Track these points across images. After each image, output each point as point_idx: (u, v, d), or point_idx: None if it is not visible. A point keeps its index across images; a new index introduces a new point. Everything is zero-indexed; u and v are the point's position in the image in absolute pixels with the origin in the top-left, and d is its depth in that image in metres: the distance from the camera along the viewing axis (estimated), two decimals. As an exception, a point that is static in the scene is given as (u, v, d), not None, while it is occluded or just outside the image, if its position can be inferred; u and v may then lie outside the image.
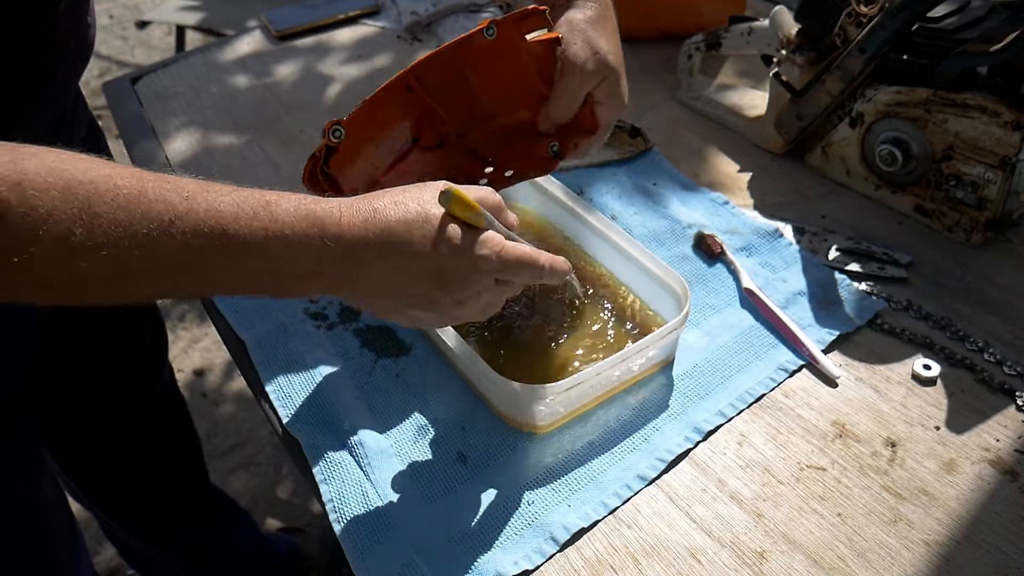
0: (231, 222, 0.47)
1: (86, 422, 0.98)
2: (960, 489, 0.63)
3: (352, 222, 0.50)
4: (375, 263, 0.51)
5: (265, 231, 0.48)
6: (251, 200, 0.49)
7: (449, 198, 0.51)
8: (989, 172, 0.79)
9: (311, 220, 0.50)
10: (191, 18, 2.03)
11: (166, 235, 0.45)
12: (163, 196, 0.46)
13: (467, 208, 0.52)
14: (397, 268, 0.52)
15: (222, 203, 0.48)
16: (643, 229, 0.87)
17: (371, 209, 0.51)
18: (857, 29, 0.84)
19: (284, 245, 0.49)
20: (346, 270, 0.51)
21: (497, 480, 0.64)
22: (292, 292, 0.52)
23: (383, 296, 0.54)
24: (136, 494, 1.08)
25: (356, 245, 0.50)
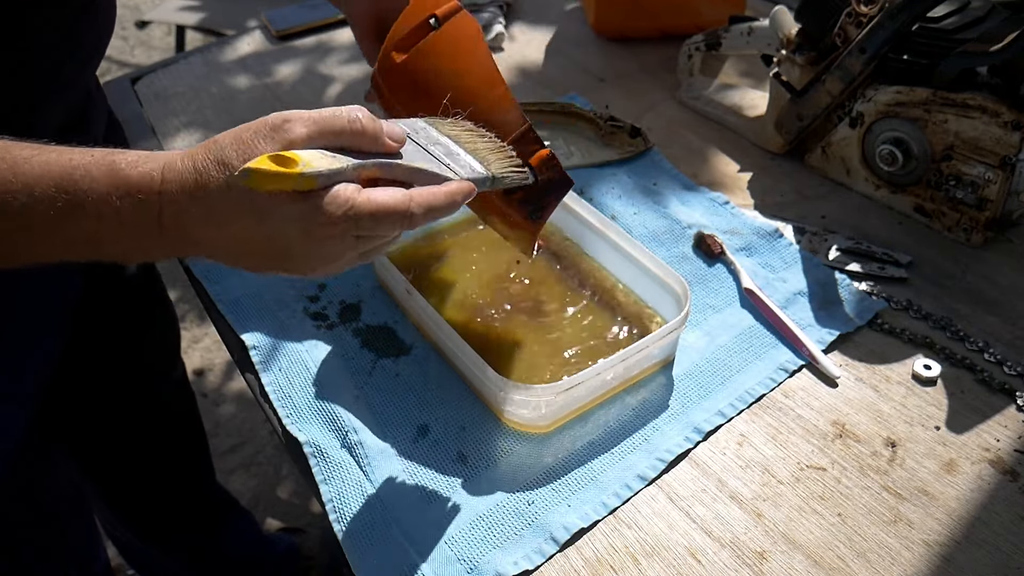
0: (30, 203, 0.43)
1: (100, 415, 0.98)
2: (960, 489, 0.63)
3: (171, 188, 0.45)
4: (201, 232, 0.46)
5: (71, 207, 0.44)
6: (54, 172, 0.44)
7: (249, 178, 0.43)
8: (989, 172, 0.79)
9: (126, 188, 0.45)
10: (191, 18, 2.03)
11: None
12: None
13: (280, 179, 0.43)
14: (228, 238, 0.47)
15: (19, 183, 0.43)
16: (643, 229, 0.87)
17: (193, 172, 0.45)
18: (857, 29, 0.84)
19: (96, 222, 0.44)
20: (172, 238, 0.46)
21: (497, 480, 0.64)
22: (122, 259, 0.48)
23: (226, 260, 0.49)
24: (145, 487, 1.08)
25: (178, 214, 0.45)
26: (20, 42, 0.59)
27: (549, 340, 0.74)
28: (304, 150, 0.45)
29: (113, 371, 0.96)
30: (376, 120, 0.49)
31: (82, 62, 0.69)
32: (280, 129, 0.46)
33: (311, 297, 0.79)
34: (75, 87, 0.70)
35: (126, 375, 0.98)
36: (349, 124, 0.47)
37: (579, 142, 0.99)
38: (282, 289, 0.80)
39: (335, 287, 0.80)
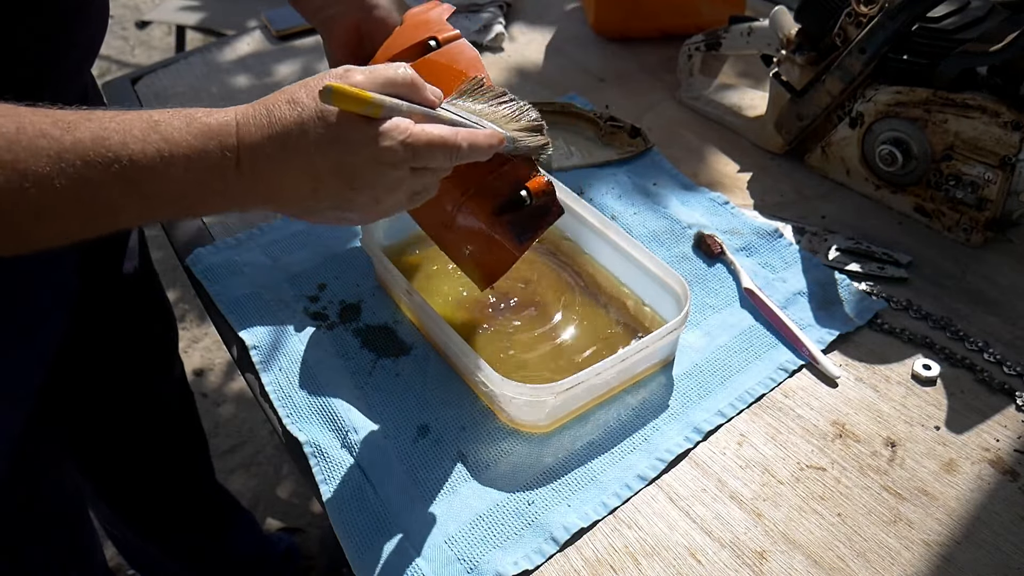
0: (120, 148, 0.45)
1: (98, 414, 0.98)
2: (960, 489, 0.63)
3: (248, 131, 0.49)
4: (276, 171, 0.50)
5: (159, 152, 0.46)
6: (138, 123, 0.47)
7: (330, 95, 0.48)
8: (989, 172, 0.79)
9: (206, 134, 0.48)
10: (191, 18, 2.03)
11: (57, 170, 0.44)
12: (42, 131, 0.44)
13: (355, 101, 0.49)
14: (299, 172, 0.50)
15: (108, 129, 0.45)
16: (643, 229, 0.87)
17: (266, 114, 0.50)
18: (857, 29, 0.84)
19: (182, 165, 0.47)
20: (249, 182, 0.49)
21: (497, 480, 0.64)
22: (200, 211, 0.50)
23: (295, 202, 0.52)
24: (145, 488, 1.08)
25: (255, 155, 0.49)
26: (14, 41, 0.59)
27: (549, 340, 0.74)
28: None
29: (111, 370, 0.96)
30: (419, 77, 0.54)
31: (77, 61, 0.69)
32: (342, 77, 0.51)
33: (311, 297, 0.79)
34: (70, 86, 0.70)
35: (124, 374, 0.98)
36: (400, 75, 0.53)
37: (579, 142, 0.99)
38: (282, 289, 0.80)
39: (335, 287, 0.80)
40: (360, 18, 0.70)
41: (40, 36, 0.61)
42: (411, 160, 0.51)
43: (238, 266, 0.83)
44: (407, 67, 0.53)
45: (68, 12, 0.63)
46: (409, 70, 0.53)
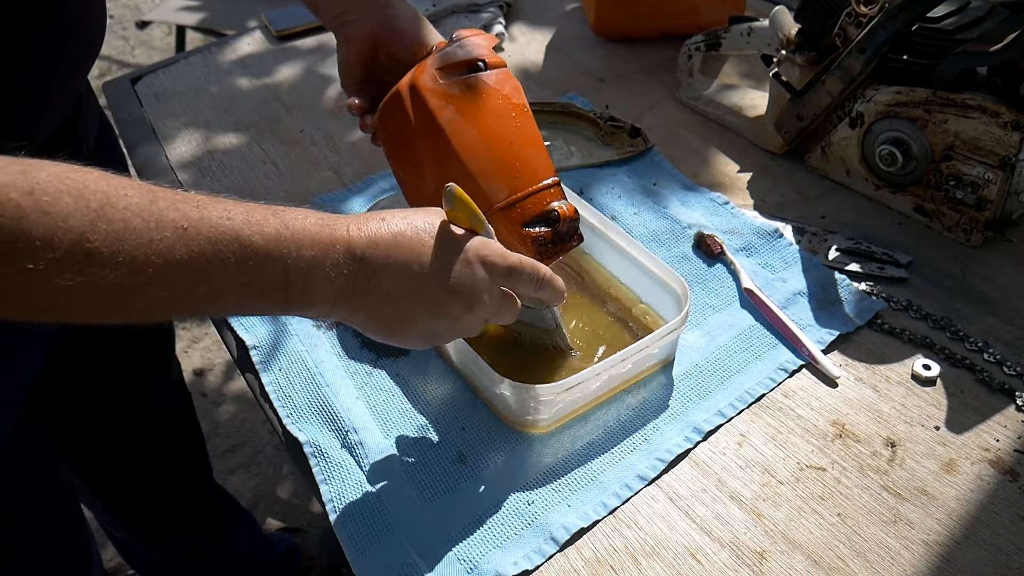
0: (243, 227, 0.47)
1: (95, 416, 0.98)
2: (960, 489, 0.63)
3: (360, 229, 0.52)
4: (384, 267, 0.52)
5: (277, 235, 0.48)
6: (261, 209, 0.49)
7: (452, 193, 0.54)
8: (989, 172, 0.79)
9: (320, 226, 0.50)
10: (191, 18, 2.03)
11: (180, 242, 0.45)
12: (174, 205, 0.46)
13: (469, 209, 0.55)
14: (407, 270, 0.53)
15: (233, 211, 0.48)
16: (643, 229, 0.87)
17: (379, 219, 0.53)
18: (857, 29, 0.84)
19: (295, 248, 0.49)
20: (355, 275, 0.51)
21: (497, 480, 0.64)
22: (299, 301, 0.51)
23: (392, 306, 0.54)
24: (142, 489, 1.08)
25: (366, 249, 0.51)
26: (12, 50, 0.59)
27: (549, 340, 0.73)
28: None
29: (108, 372, 0.95)
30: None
31: (74, 69, 0.69)
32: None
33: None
34: (67, 94, 0.70)
35: (121, 376, 0.98)
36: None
37: (579, 142, 0.99)
38: (282, 289, 0.80)
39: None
40: (378, 28, 0.70)
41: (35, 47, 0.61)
42: (504, 276, 0.57)
43: (238, 266, 0.82)
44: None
45: (65, 27, 0.63)
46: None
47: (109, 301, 0.44)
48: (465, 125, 0.65)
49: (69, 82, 0.70)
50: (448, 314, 0.55)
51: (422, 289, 0.54)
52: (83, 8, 0.65)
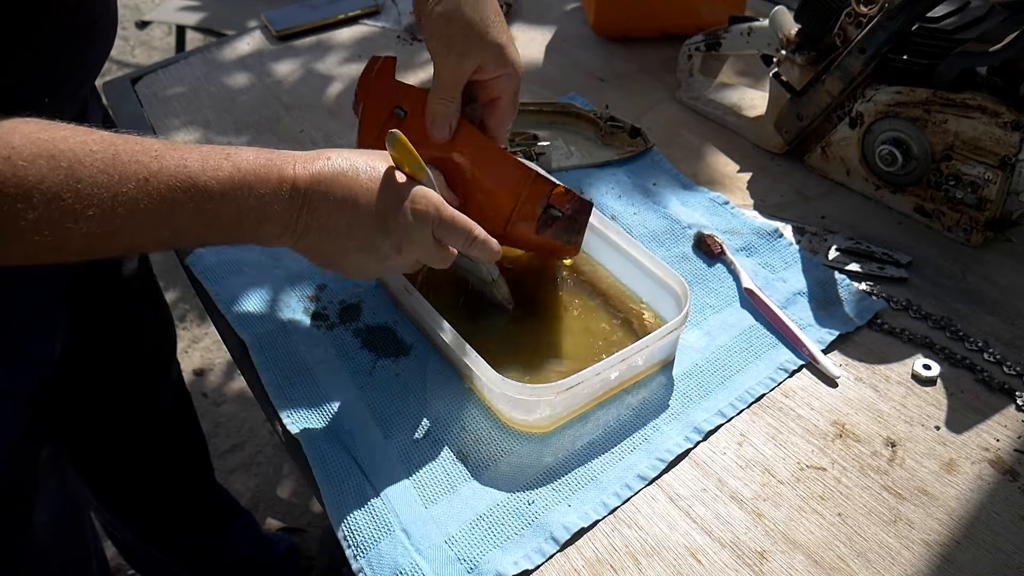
0: (199, 173, 0.52)
1: (95, 417, 0.98)
2: (960, 489, 0.63)
3: (305, 167, 0.56)
4: (324, 203, 0.57)
5: (231, 179, 0.53)
6: (214, 153, 0.54)
7: (395, 138, 0.57)
8: (989, 172, 0.79)
9: (269, 166, 0.55)
10: (191, 18, 2.03)
11: (143, 192, 0.50)
12: (135, 156, 0.50)
13: (411, 155, 0.58)
14: (343, 206, 0.57)
15: (189, 158, 0.52)
16: (643, 229, 0.87)
17: (324, 157, 0.58)
18: (857, 29, 0.84)
19: (247, 189, 0.54)
20: (299, 210, 0.56)
21: (497, 480, 0.64)
22: (251, 237, 0.56)
23: (329, 239, 0.58)
24: (143, 489, 1.08)
25: (308, 186, 0.56)
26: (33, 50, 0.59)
27: (549, 340, 0.74)
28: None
29: (108, 372, 0.95)
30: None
31: (84, 76, 0.69)
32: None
33: (311, 297, 0.79)
34: (71, 101, 0.70)
35: (121, 377, 0.98)
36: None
37: (579, 142, 0.99)
38: (282, 289, 0.80)
39: (335, 287, 0.80)
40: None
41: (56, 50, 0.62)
42: (437, 225, 0.60)
43: (238, 266, 0.83)
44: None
45: (84, 27, 0.64)
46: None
47: (84, 247, 0.50)
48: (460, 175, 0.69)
49: (84, 82, 0.70)
50: (378, 251, 0.60)
51: (355, 226, 0.58)
52: (102, 9, 0.65)
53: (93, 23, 0.65)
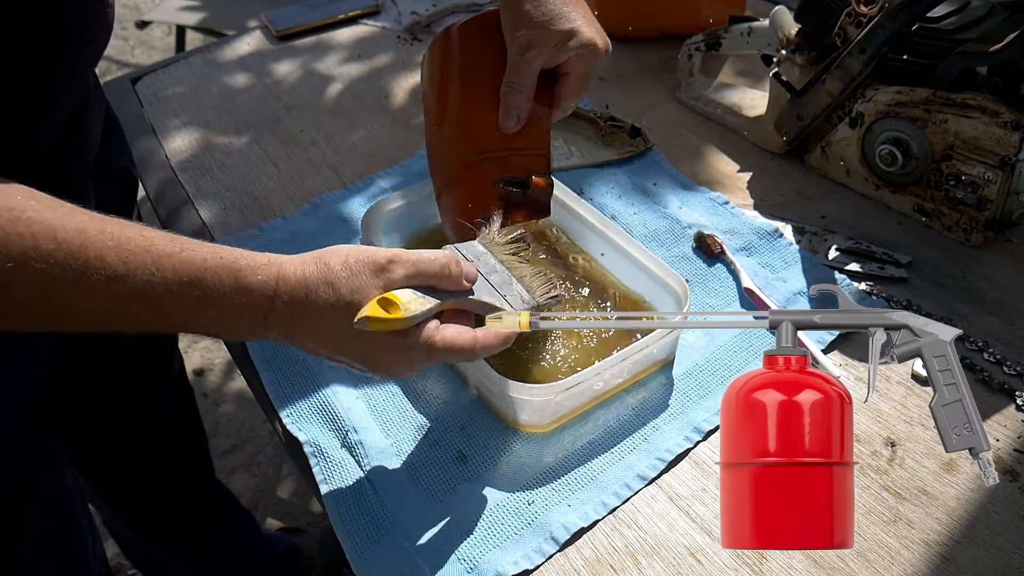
0: (165, 297, 0.50)
1: (96, 417, 0.98)
2: (960, 489, 0.63)
3: (283, 299, 0.53)
4: (302, 336, 0.55)
5: (199, 302, 0.51)
6: (188, 271, 0.51)
7: (366, 324, 0.52)
8: (989, 172, 0.79)
9: (247, 297, 0.52)
10: (191, 18, 2.03)
11: (103, 291, 0.49)
12: (101, 255, 0.48)
13: (387, 324, 0.53)
14: (324, 344, 0.55)
15: (159, 277, 0.50)
16: (643, 229, 0.87)
17: (304, 288, 0.53)
18: (857, 29, 0.84)
19: (216, 315, 0.52)
20: (275, 334, 0.55)
21: (497, 480, 0.64)
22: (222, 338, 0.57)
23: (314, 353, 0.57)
24: (144, 488, 1.08)
25: (286, 320, 0.54)
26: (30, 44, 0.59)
27: (549, 340, 0.73)
28: (401, 291, 0.55)
29: (110, 372, 0.95)
30: (459, 264, 0.58)
31: (88, 62, 0.69)
32: (384, 269, 0.54)
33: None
34: (78, 87, 0.70)
35: (122, 371, 0.97)
36: (440, 270, 0.56)
37: (579, 142, 0.99)
38: (282, 289, 0.80)
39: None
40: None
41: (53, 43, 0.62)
42: (427, 359, 0.57)
43: (238, 266, 0.82)
44: (450, 258, 0.57)
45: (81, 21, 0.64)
46: (451, 263, 0.57)
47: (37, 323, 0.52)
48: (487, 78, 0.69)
49: (81, 76, 0.70)
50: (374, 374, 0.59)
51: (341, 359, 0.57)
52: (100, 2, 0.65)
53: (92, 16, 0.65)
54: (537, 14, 0.66)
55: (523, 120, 0.69)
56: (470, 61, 0.71)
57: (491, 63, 0.69)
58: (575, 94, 0.72)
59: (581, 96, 0.73)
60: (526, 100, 0.68)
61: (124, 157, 0.92)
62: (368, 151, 1.00)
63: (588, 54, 0.68)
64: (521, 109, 0.68)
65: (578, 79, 0.70)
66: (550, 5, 0.67)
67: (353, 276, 0.54)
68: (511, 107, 0.68)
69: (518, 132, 0.69)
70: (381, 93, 1.11)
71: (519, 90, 0.68)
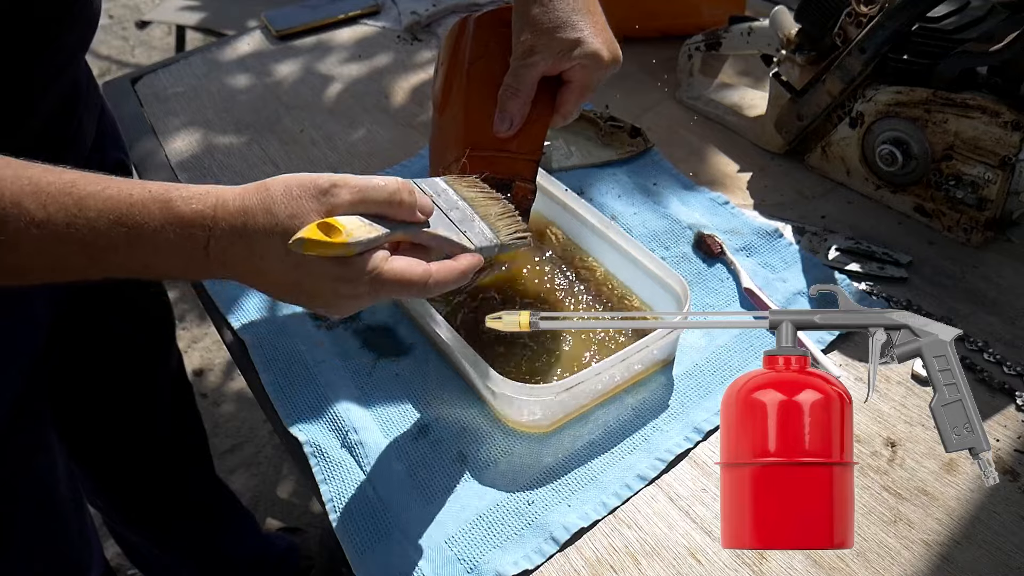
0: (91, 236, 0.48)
1: (95, 407, 0.98)
2: (960, 489, 0.63)
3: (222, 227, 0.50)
4: (240, 266, 0.51)
5: (129, 239, 0.49)
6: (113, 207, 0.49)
7: (301, 245, 0.48)
8: (989, 172, 0.79)
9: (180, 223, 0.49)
10: (191, 18, 2.03)
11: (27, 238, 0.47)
12: (18, 201, 0.47)
13: (326, 247, 0.49)
14: (261, 275, 0.52)
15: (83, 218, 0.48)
16: (643, 229, 0.87)
17: (242, 215, 0.50)
18: (857, 29, 0.84)
19: (151, 252, 0.50)
20: (215, 266, 0.51)
21: (497, 480, 0.64)
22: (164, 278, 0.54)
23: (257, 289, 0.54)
24: (143, 484, 1.08)
25: (224, 249, 0.50)
26: None
27: (548, 339, 0.73)
28: (346, 216, 0.50)
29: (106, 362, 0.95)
30: (413, 193, 0.54)
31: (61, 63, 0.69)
32: (327, 193, 0.50)
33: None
34: (56, 84, 0.70)
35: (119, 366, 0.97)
36: (390, 196, 0.52)
37: (579, 142, 0.99)
38: (282, 289, 0.80)
39: (335, 287, 0.80)
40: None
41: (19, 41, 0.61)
42: (374, 293, 0.52)
43: (238, 266, 0.82)
44: (400, 185, 0.53)
45: (49, 19, 0.63)
46: (401, 188, 0.53)
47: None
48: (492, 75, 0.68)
49: (66, 62, 0.70)
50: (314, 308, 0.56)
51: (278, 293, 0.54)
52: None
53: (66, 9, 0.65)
54: (544, 20, 0.66)
55: (517, 125, 0.68)
56: (479, 54, 0.71)
57: (498, 60, 0.69)
58: (576, 103, 0.71)
59: (581, 105, 0.72)
60: (522, 105, 0.67)
61: (119, 151, 0.92)
62: (368, 151, 1.00)
63: (591, 64, 0.68)
64: (515, 113, 0.67)
65: (580, 88, 0.69)
66: (558, 12, 0.66)
67: (292, 200, 0.50)
68: (506, 110, 0.67)
69: (512, 135, 0.68)
70: (381, 93, 1.11)
71: (516, 94, 0.67)
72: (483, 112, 0.68)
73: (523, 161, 0.69)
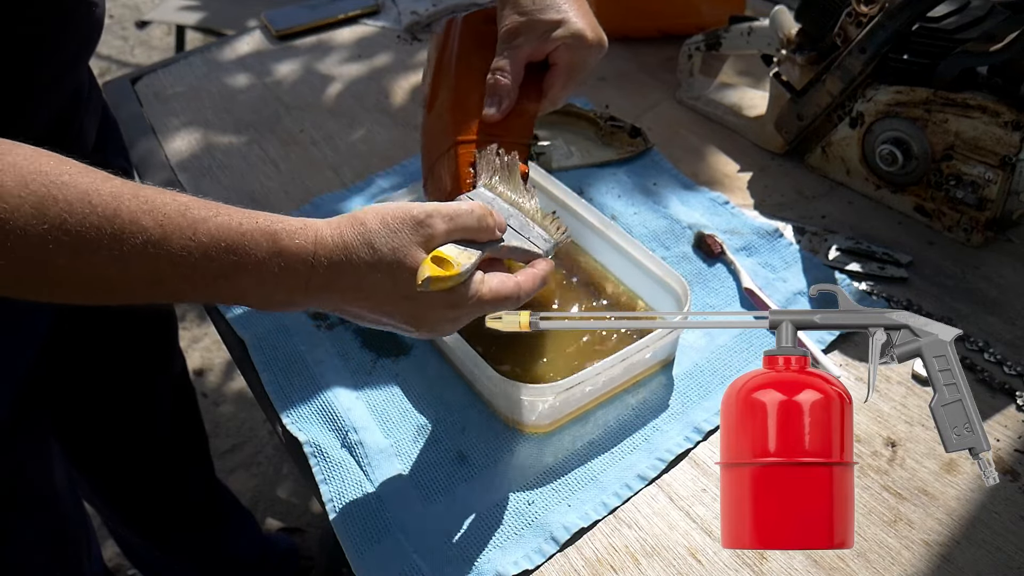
0: (203, 260, 0.48)
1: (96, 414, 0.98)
2: (960, 489, 0.63)
3: (322, 263, 0.51)
4: (343, 301, 0.53)
5: (236, 267, 0.49)
6: (225, 236, 0.49)
7: (429, 285, 0.51)
8: (989, 172, 0.79)
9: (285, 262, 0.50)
10: (191, 18, 2.03)
11: (139, 256, 0.47)
12: (136, 219, 0.46)
13: (446, 282, 0.52)
14: (367, 308, 0.54)
15: (196, 242, 0.48)
16: (643, 229, 0.87)
17: (343, 251, 0.51)
18: (857, 29, 0.84)
19: (255, 283, 0.50)
20: (314, 301, 0.53)
21: (497, 480, 0.64)
22: (265, 308, 0.54)
23: (356, 319, 0.56)
24: (143, 484, 1.08)
25: (325, 285, 0.52)
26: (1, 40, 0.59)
27: (549, 340, 0.73)
28: (447, 246, 0.54)
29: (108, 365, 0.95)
30: (492, 214, 0.57)
31: (63, 67, 0.69)
32: (423, 224, 0.53)
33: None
34: (62, 86, 0.70)
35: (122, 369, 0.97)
36: (479, 222, 0.56)
37: (579, 142, 0.99)
38: (282, 289, 0.80)
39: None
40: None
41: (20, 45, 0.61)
42: (474, 312, 0.56)
43: (238, 266, 0.82)
44: (484, 210, 0.56)
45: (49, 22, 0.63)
46: (487, 215, 0.56)
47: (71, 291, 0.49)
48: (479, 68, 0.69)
49: (69, 69, 0.70)
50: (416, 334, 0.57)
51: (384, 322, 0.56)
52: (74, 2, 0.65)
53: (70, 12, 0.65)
54: (527, 3, 0.66)
55: (506, 108, 0.68)
56: (466, 50, 0.71)
57: (484, 55, 0.69)
58: (563, 86, 0.71)
59: (571, 89, 0.72)
60: (510, 88, 0.67)
61: (120, 158, 0.92)
62: (368, 151, 1.00)
63: (576, 44, 0.68)
64: (504, 97, 0.67)
65: (566, 70, 0.69)
66: None
67: (392, 234, 0.52)
68: (494, 94, 0.67)
69: (502, 120, 0.68)
70: (381, 93, 1.11)
71: (503, 77, 0.67)
72: (471, 102, 0.68)
73: (515, 146, 0.69)
